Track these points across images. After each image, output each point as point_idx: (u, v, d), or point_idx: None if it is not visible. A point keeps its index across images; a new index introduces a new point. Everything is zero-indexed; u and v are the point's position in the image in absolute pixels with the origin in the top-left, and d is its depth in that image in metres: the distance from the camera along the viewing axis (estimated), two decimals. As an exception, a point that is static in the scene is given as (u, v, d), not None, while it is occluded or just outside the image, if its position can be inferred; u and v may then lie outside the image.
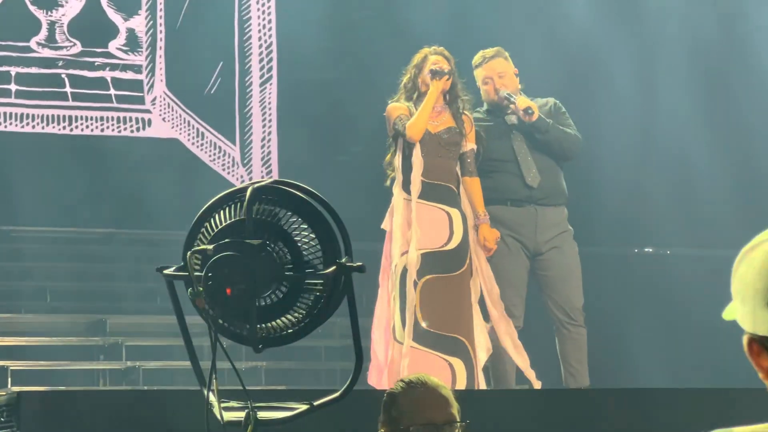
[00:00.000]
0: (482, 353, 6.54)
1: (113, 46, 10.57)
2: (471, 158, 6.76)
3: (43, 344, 9.05)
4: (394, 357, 6.43)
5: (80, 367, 8.96)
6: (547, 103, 7.09)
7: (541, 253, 6.91)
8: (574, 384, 6.78)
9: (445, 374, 6.32)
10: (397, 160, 6.62)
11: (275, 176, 10.57)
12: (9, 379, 8.49)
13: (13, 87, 10.23)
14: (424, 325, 6.43)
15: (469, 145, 6.75)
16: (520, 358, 6.61)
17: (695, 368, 9.61)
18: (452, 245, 6.56)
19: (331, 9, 10.44)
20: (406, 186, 6.60)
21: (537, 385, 6.60)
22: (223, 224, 2.99)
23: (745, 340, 1.70)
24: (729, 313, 1.73)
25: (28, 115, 10.24)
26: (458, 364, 6.43)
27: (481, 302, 6.67)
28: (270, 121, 10.89)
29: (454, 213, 6.61)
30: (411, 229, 6.50)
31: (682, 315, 9.97)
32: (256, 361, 8.69)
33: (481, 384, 6.53)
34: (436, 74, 6.59)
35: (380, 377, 6.51)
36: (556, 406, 5.93)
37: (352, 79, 10.56)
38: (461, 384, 6.36)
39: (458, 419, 3.10)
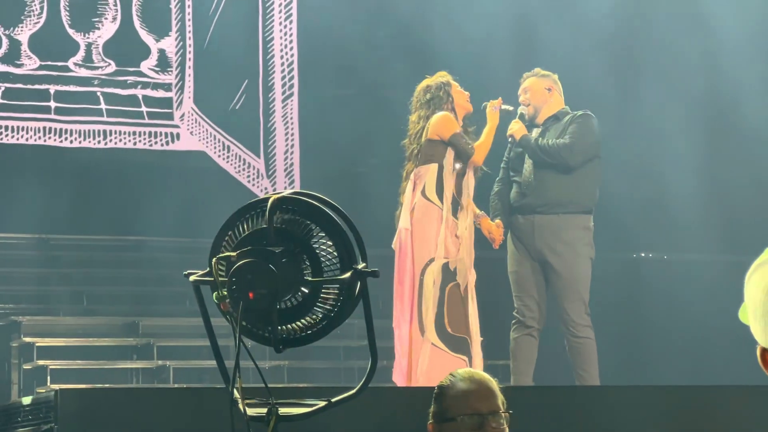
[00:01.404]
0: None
1: (145, 65, 10.62)
2: None
3: (80, 345, 9.07)
4: (426, 355, 6.43)
5: (115, 366, 8.98)
6: (569, 114, 7.10)
7: (542, 260, 6.89)
8: None
9: None
10: (449, 165, 6.63)
11: (297, 186, 10.59)
12: (48, 378, 8.51)
13: (52, 104, 10.28)
14: (450, 329, 6.49)
15: None
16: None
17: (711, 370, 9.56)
18: (460, 255, 6.66)
19: (349, 29, 10.46)
20: (456, 200, 6.62)
21: None
22: (246, 232, 3.00)
23: (758, 350, 1.70)
24: (743, 316, 1.73)
25: (66, 130, 10.28)
26: (473, 363, 6.50)
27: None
28: (292, 134, 10.91)
29: (461, 225, 6.71)
30: (460, 241, 6.56)
31: (697, 319, 9.92)
32: (279, 361, 8.70)
33: None
34: (499, 111, 6.75)
35: (405, 375, 6.49)
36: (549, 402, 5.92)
37: (370, 96, 10.57)
38: None
39: (503, 410, 3.11)
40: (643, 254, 10.92)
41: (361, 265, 3.00)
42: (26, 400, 5.40)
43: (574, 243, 6.88)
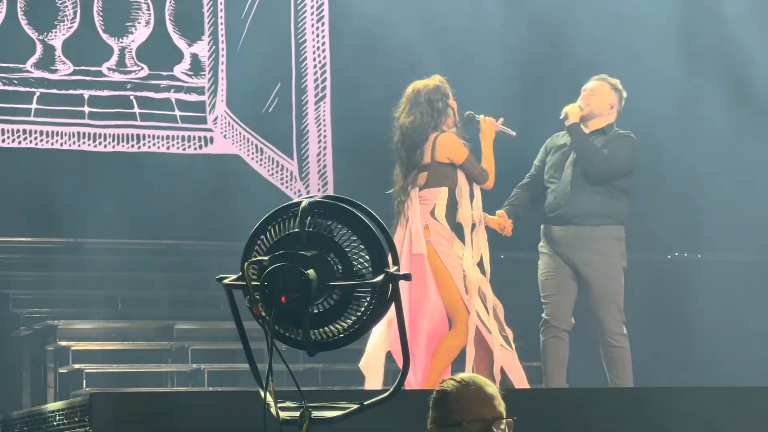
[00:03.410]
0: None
1: (178, 69, 10.67)
2: None
3: (115, 348, 9.12)
4: (511, 362, 6.43)
5: (149, 370, 9.02)
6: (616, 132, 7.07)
7: (577, 270, 6.89)
8: None
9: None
10: (464, 190, 6.61)
11: (330, 189, 10.60)
12: (84, 382, 8.57)
13: (86, 109, 10.34)
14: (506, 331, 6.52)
15: None
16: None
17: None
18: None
19: (382, 31, 10.46)
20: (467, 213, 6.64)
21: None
22: (279, 236, 3.01)
23: None
24: None
25: (99, 135, 10.34)
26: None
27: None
28: (325, 136, 10.93)
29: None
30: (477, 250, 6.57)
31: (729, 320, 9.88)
32: (313, 363, 8.72)
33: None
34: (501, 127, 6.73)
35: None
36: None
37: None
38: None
39: (506, 416, 3.10)
40: (670, 256, 10.87)
41: (392, 269, 3.01)
42: (62, 404, 5.44)
43: (609, 253, 6.90)
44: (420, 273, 6.48)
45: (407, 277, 3.07)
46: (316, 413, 2.98)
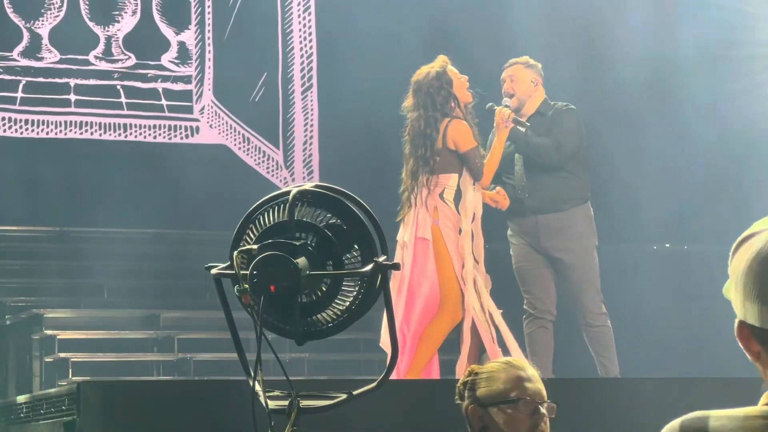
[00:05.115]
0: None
1: (165, 58, 10.64)
2: None
3: (101, 337, 9.10)
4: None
5: (135, 359, 9.01)
6: (554, 106, 7.03)
7: (551, 257, 6.89)
8: (605, 375, 6.78)
9: None
10: (469, 178, 6.57)
11: (316, 178, 10.60)
12: (70, 371, 8.55)
13: (72, 97, 10.31)
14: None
15: None
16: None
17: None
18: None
19: (368, 20, 10.46)
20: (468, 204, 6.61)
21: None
22: (268, 225, 3.00)
23: (736, 323, 1.68)
24: (727, 291, 1.71)
25: (86, 123, 10.32)
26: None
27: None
28: (311, 126, 10.92)
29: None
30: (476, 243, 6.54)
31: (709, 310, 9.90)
32: (299, 353, 8.72)
33: None
34: (512, 123, 6.66)
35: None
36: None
37: (389, 88, 10.54)
38: None
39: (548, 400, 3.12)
40: (656, 246, 10.90)
41: (381, 258, 3.01)
42: (49, 392, 5.43)
43: (582, 235, 6.90)
44: (422, 256, 6.47)
45: (396, 266, 3.07)
46: (304, 402, 2.98)
